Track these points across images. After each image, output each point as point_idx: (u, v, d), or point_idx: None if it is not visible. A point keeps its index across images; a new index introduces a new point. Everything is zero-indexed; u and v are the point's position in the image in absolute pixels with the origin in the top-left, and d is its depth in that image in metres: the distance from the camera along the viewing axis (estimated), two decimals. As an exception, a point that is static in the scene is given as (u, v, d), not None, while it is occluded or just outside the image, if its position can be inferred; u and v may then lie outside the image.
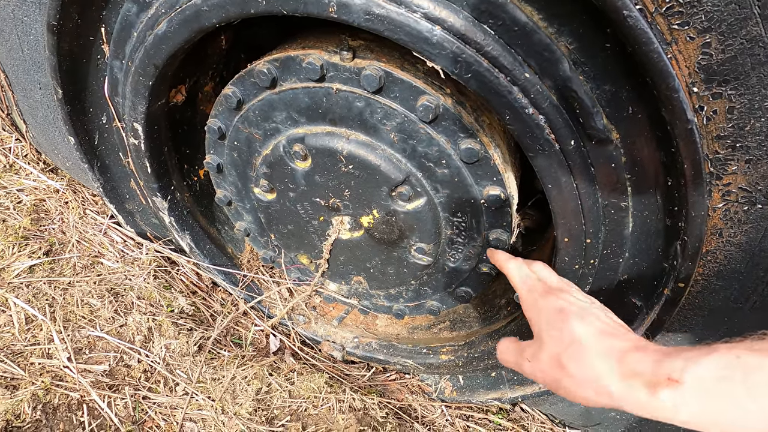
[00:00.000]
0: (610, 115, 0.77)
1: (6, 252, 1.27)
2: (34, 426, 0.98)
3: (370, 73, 0.93)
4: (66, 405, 1.05)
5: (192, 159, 1.50)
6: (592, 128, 0.77)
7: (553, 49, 0.72)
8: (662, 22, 0.64)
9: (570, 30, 0.72)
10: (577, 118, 0.77)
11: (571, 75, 0.73)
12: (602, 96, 0.76)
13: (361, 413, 1.38)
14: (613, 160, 0.81)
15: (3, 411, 0.96)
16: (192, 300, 1.48)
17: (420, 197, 1.11)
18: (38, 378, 1.06)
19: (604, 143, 0.79)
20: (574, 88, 0.73)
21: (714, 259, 0.87)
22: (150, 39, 0.96)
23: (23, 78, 1.27)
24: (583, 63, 0.74)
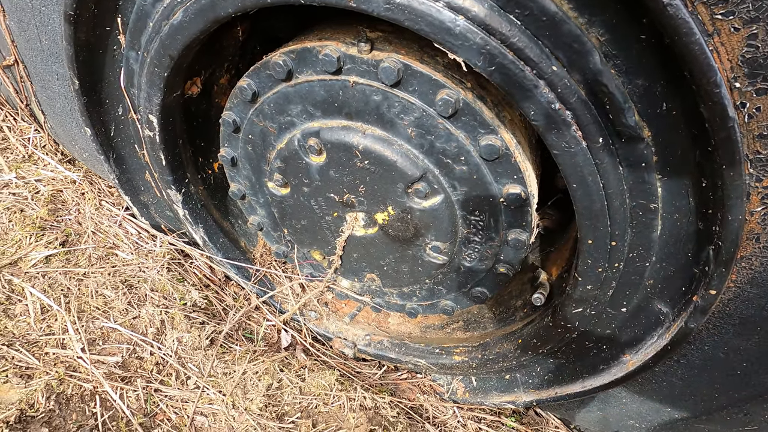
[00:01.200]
0: (642, 112, 0.73)
1: (23, 241, 1.28)
2: (48, 416, 0.98)
3: (388, 65, 0.91)
4: (79, 396, 1.05)
5: (206, 152, 1.49)
6: (623, 125, 0.73)
7: (584, 41, 0.68)
8: (704, 11, 0.60)
9: (602, 20, 0.68)
10: (606, 114, 0.73)
11: (602, 68, 0.69)
12: (634, 91, 0.72)
13: (372, 412, 1.37)
14: (643, 159, 0.77)
15: (17, 400, 0.96)
16: (205, 293, 1.47)
17: (437, 194, 1.08)
18: (52, 368, 1.06)
19: (635, 141, 0.75)
20: (605, 82, 0.69)
21: (749, 266, 0.82)
22: (165, 29, 0.94)
23: (41, 69, 1.27)
24: (614, 56, 0.70)
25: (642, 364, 1.06)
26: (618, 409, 1.29)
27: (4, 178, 1.43)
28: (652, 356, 1.03)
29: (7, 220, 1.32)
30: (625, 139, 0.75)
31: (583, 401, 1.36)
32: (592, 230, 0.87)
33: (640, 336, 1.06)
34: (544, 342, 1.23)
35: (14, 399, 0.96)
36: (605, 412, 1.34)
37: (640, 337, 1.06)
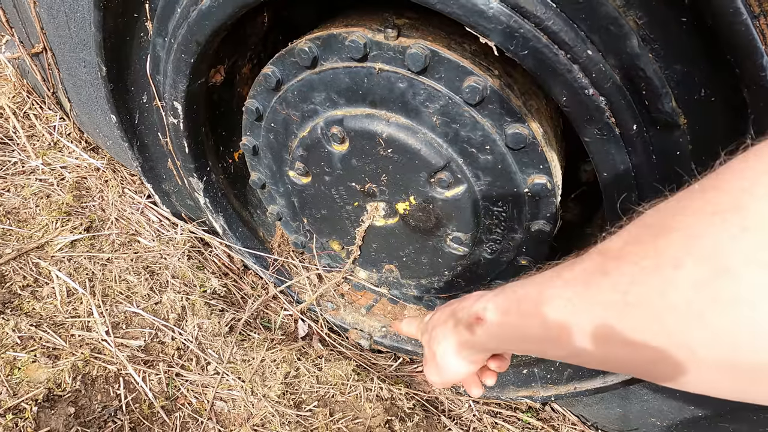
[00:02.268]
0: (679, 98, 0.71)
1: (50, 226, 1.31)
2: (74, 395, 1.00)
3: (416, 51, 0.90)
4: (104, 377, 1.07)
5: (227, 141, 1.50)
6: (659, 111, 0.71)
7: (621, 24, 0.66)
8: (751, -9, 0.58)
9: (640, 2, 0.66)
10: (642, 100, 0.72)
11: (639, 52, 0.67)
12: (671, 76, 0.70)
13: (388, 403, 1.37)
14: (678, 147, 0.75)
15: (45, 379, 0.98)
16: (224, 281, 1.49)
17: (460, 184, 1.07)
18: (78, 349, 1.08)
19: (671, 128, 0.73)
20: (643, 66, 0.68)
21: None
22: (194, 15, 0.95)
23: (69, 56, 1.29)
24: (652, 39, 0.68)
25: (667, 359, 1.04)
26: (639, 407, 1.27)
27: (31, 164, 1.46)
28: (678, 352, 1.01)
29: (34, 205, 1.35)
30: (660, 127, 0.73)
31: (603, 398, 1.34)
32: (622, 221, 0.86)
33: (666, 331, 1.04)
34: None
35: (42, 378, 0.98)
36: (625, 410, 1.32)
37: (666, 333, 1.04)
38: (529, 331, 0.53)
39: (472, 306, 0.64)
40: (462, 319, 0.67)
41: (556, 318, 0.48)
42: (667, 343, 0.38)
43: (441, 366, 0.73)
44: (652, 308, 0.38)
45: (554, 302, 0.49)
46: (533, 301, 0.52)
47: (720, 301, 0.33)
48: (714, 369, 0.36)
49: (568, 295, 0.47)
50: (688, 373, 0.38)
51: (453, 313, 0.71)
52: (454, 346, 0.69)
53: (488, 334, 0.61)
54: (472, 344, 0.66)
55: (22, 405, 0.92)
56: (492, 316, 0.59)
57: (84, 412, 0.99)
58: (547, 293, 0.50)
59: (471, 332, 0.64)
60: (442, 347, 0.72)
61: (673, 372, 0.39)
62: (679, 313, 0.36)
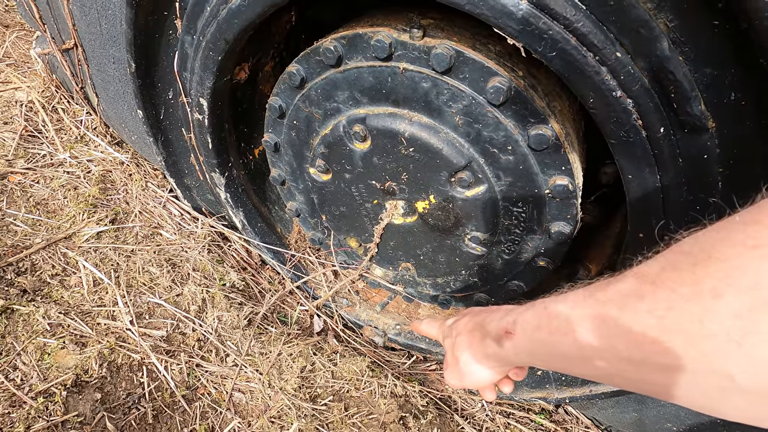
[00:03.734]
0: (708, 102, 0.71)
1: (77, 217, 1.34)
2: (100, 382, 1.03)
3: (441, 51, 0.91)
4: (128, 365, 1.10)
5: (248, 138, 1.52)
6: (687, 115, 0.71)
7: (652, 27, 0.67)
8: (786, -5, 0.58)
9: (672, 5, 0.66)
10: (670, 103, 0.71)
11: (669, 55, 0.67)
12: (701, 80, 0.70)
13: (402, 400, 1.38)
14: (705, 150, 0.75)
15: (73, 365, 1.02)
16: (242, 275, 1.51)
17: (480, 184, 1.07)
18: (104, 338, 1.11)
19: (698, 132, 0.73)
20: (672, 69, 0.68)
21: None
22: (223, 13, 0.97)
23: (99, 52, 1.33)
24: (683, 42, 0.68)
25: (686, 364, 1.04)
26: (655, 411, 1.27)
27: (59, 157, 1.50)
28: (698, 357, 1.00)
29: (62, 197, 1.39)
30: (688, 130, 0.73)
31: (619, 401, 1.33)
32: (645, 224, 0.86)
33: (686, 336, 1.03)
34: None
35: (71, 364, 1.02)
36: (641, 414, 1.31)
37: (686, 337, 1.03)
38: (559, 349, 0.53)
39: (502, 319, 0.65)
40: (490, 331, 0.68)
41: (588, 338, 0.49)
42: (705, 370, 0.38)
43: (464, 372, 0.74)
44: (689, 335, 0.38)
45: (587, 322, 0.49)
46: (565, 320, 0.52)
47: (761, 332, 0.34)
48: (753, 397, 0.36)
49: (601, 316, 0.47)
50: (725, 400, 0.38)
51: (481, 324, 0.71)
52: (479, 356, 0.70)
53: (516, 349, 0.61)
54: (499, 357, 0.66)
55: (52, 389, 0.95)
56: (522, 331, 0.60)
57: (110, 398, 1.02)
58: (579, 312, 0.50)
59: (499, 345, 0.65)
60: (466, 355, 0.73)
61: (710, 398, 0.39)
62: (719, 341, 0.36)
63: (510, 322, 0.63)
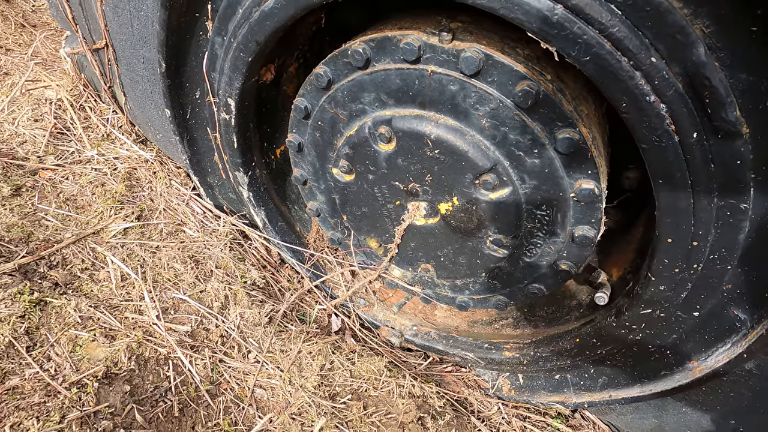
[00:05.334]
0: (743, 107, 0.71)
1: (105, 213, 1.38)
2: (129, 374, 1.05)
3: (470, 55, 0.92)
4: (155, 359, 1.12)
5: (271, 138, 1.54)
6: (722, 120, 0.71)
7: (688, 32, 0.67)
8: (828, 3, 0.58)
9: (709, 11, 0.66)
10: (704, 108, 0.72)
11: (705, 61, 0.67)
12: (737, 85, 0.70)
13: (420, 400, 1.39)
14: (738, 156, 0.74)
15: (104, 357, 1.04)
16: (263, 273, 1.53)
17: (505, 187, 1.08)
18: (132, 331, 1.14)
19: (732, 137, 0.73)
20: (708, 75, 0.68)
21: None
22: (256, 15, 0.99)
23: (129, 52, 1.36)
24: (719, 48, 0.68)
25: (711, 371, 1.03)
26: (676, 419, 1.26)
27: (87, 154, 1.53)
28: (723, 364, 1.00)
29: (90, 193, 1.42)
30: (722, 135, 0.73)
31: (638, 407, 1.32)
32: (674, 229, 0.86)
33: (711, 342, 1.03)
34: (604, 343, 1.21)
35: (101, 356, 1.04)
36: (661, 421, 1.30)
37: (711, 344, 1.03)
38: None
39: None
40: None
41: None
42: None
43: None
44: None
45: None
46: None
47: None
48: None
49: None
50: None
51: None
52: None
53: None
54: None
55: (84, 380, 0.98)
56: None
57: (138, 390, 1.05)
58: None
59: None
60: None
61: None
62: None
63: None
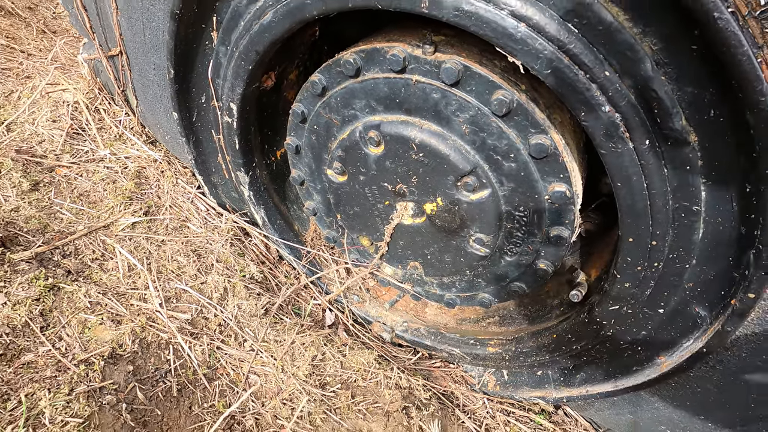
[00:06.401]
0: (690, 117, 0.78)
1: (115, 208, 1.47)
2: (133, 356, 1.14)
3: (450, 66, 1.00)
4: (157, 343, 1.21)
5: (272, 140, 1.64)
6: (670, 129, 0.78)
7: (637, 49, 0.74)
8: (755, 25, 0.65)
9: (656, 30, 0.74)
10: (654, 118, 0.79)
11: (653, 75, 0.75)
12: (683, 98, 0.77)
13: (406, 391, 1.45)
14: (688, 162, 0.81)
15: (110, 340, 1.13)
16: (261, 268, 1.62)
17: (484, 189, 1.15)
18: (136, 317, 1.23)
19: (681, 145, 0.80)
20: (655, 88, 0.75)
21: (791, 273, 0.84)
22: (256, 27, 1.08)
23: (141, 59, 1.46)
24: (666, 64, 0.75)
25: (676, 366, 1.09)
26: (650, 414, 1.31)
27: (100, 153, 1.64)
28: (686, 359, 1.06)
29: (102, 189, 1.52)
30: (671, 143, 0.80)
31: (615, 403, 1.38)
32: (634, 228, 0.92)
33: (676, 338, 1.09)
34: (578, 338, 1.27)
35: (107, 338, 1.13)
36: (636, 416, 1.35)
37: (676, 340, 1.09)
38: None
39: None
40: None
41: None
42: None
43: None
44: None
45: None
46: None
47: None
48: None
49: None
50: None
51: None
52: None
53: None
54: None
55: (92, 359, 1.06)
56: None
57: (140, 371, 1.13)
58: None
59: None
60: None
61: None
62: None
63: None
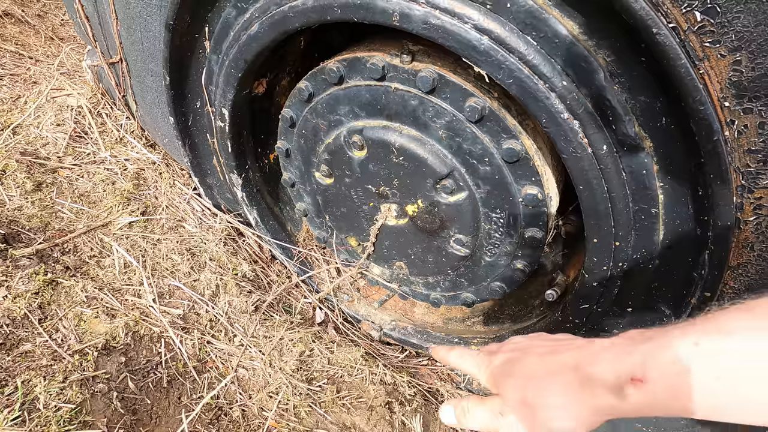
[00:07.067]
0: (644, 124, 0.83)
1: (113, 208, 1.54)
2: (125, 348, 1.20)
3: (425, 74, 1.05)
4: (149, 336, 1.27)
5: (265, 144, 1.70)
6: (624, 135, 0.83)
7: (590, 61, 0.79)
8: (695, 39, 0.69)
9: (608, 44, 0.78)
10: (610, 125, 0.83)
11: (605, 85, 0.79)
12: (637, 106, 0.81)
13: (390, 387, 1.50)
14: (644, 167, 0.86)
15: (104, 332, 1.19)
16: (253, 267, 1.68)
17: (462, 191, 1.20)
18: (130, 312, 1.29)
19: (636, 150, 0.84)
20: (608, 97, 0.80)
21: (746, 273, 0.88)
22: (243, 38, 1.14)
23: (140, 66, 1.53)
24: (619, 74, 0.80)
25: (646, 364, 1.13)
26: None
27: (101, 155, 1.71)
28: (655, 356, 1.09)
29: (101, 190, 1.59)
30: (627, 148, 0.85)
31: (593, 401, 1.41)
32: (597, 230, 0.97)
33: (646, 337, 1.12)
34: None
35: (102, 331, 1.19)
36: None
37: (646, 338, 1.12)
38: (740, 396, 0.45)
39: (619, 361, 0.52)
40: (602, 377, 0.53)
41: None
42: None
43: (554, 427, 0.56)
44: None
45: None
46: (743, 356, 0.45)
47: None
48: None
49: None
50: None
51: (575, 366, 0.56)
52: (583, 409, 0.54)
53: (651, 400, 0.49)
54: (617, 411, 0.52)
55: (86, 350, 1.13)
56: (661, 377, 0.48)
57: (132, 362, 1.19)
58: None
59: (620, 397, 0.51)
60: (558, 404, 0.56)
61: None
62: None
63: (636, 365, 0.51)
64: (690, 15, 0.67)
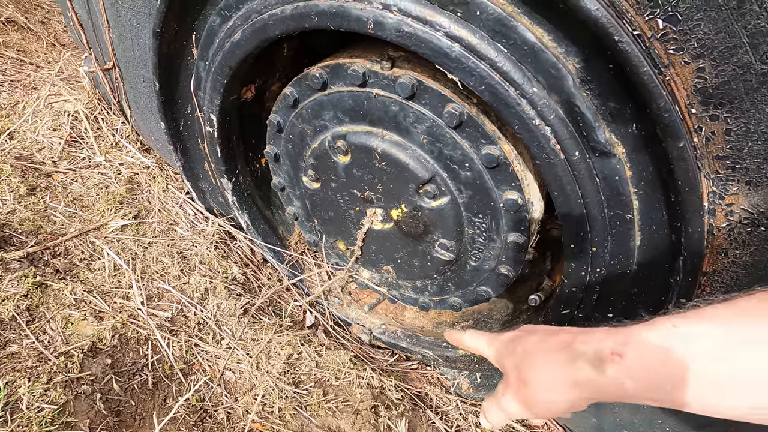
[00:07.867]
0: (615, 131, 0.83)
1: (106, 212, 1.57)
2: (111, 350, 1.22)
3: (404, 81, 1.06)
4: (136, 339, 1.29)
5: (255, 149, 1.72)
6: (595, 141, 0.83)
7: (559, 68, 0.79)
8: (659, 46, 0.70)
9: (577, 51, 0.79)
10: (581, 131, 0.84)
11: (575, 92, 0.80)
12: (607, 112, 0.82)
13: (377, 391, 1.50)
14: (617, 173, 0.86)
15: (91, 334, 1.21)
16: (244, 270, 1.69)
17: (444, 196, 1.21)
18: (118, 314, 1.31)
19: (608, 156, 0.84)
20: (577, 103, 0.80)
21: (721, 279, 0.88)
22: (227, 45, 1.16)
23: (132, 73, 1.56)
24: (589, 81, 0.80)
25: (627, 369, 1.12)
26: (611, 418, 1.33)
27: (96, 159, 1.74)
28: (636, 362, 1.09)
29: (95, 194, 1.62)
30: (599, 154, 0.85)
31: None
32: (574, 236, 0.97)
33: (627, 343, 1.12)
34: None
35: (89, 333, 1.21)
36: (599, 420, 1.38)
37: (627, 344, 1.12)
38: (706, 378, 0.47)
39: (604, 341, 0.57)
40: (585, 352, 0.58)
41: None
42: None
43: (537, 400, 0.61)
44: None
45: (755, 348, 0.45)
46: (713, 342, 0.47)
47: None
48: None
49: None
50: None
51: (567, 344, 0.61)
52: (565, 381, 0.58)
53: (626, 375, 0.53)
54: (595, 385, 0.56)
55: (72, 352, 1.14)
56: (637, 354, 0.52)
57: (118, 364, 1.21)
58: (739, 335, 0.46)
59: (598, 370, 0.55)
60: (544, 379, 0.60)
61: None
62: None
63: (618, 342, 0.54)
64: (653, 22, 0.68)
